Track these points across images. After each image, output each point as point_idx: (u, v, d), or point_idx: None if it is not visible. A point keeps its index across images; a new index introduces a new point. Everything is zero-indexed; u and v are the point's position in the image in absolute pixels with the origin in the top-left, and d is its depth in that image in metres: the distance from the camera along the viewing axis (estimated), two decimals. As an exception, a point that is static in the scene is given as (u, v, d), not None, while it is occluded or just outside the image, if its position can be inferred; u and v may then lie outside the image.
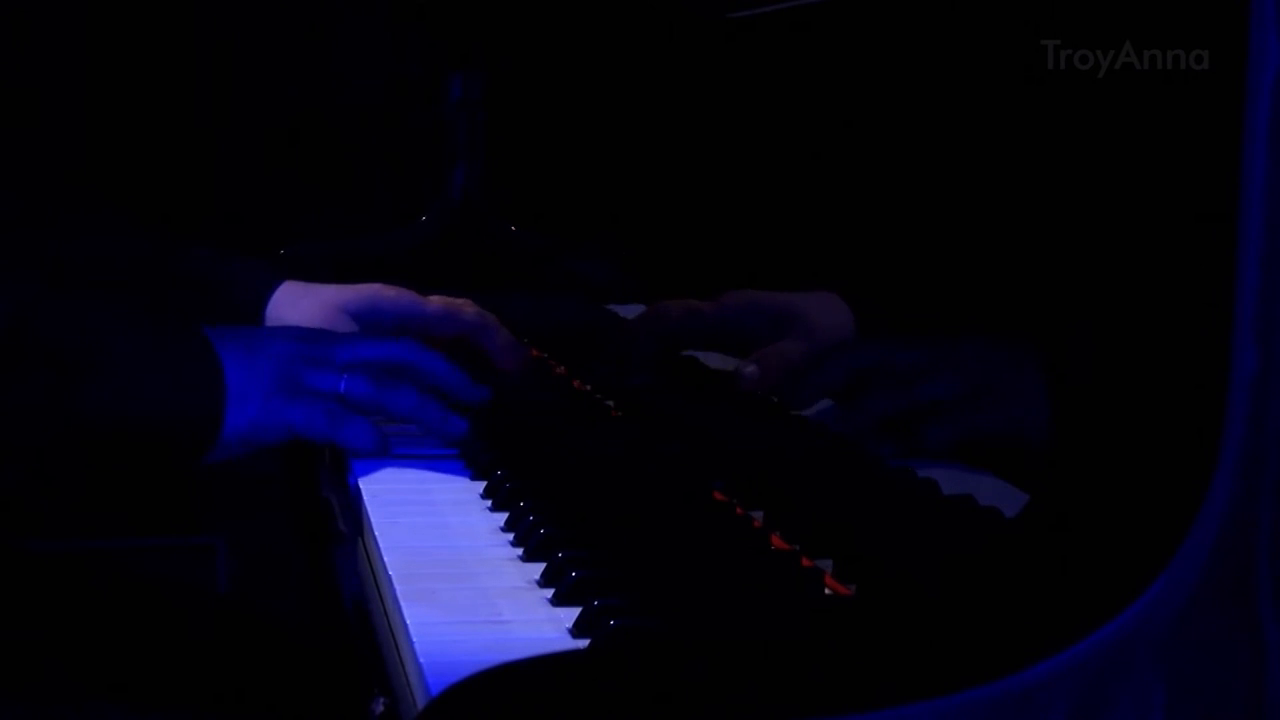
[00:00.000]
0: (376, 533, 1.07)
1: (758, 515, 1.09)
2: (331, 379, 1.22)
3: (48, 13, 2.21)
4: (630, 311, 1.66)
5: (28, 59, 2.21)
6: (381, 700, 0.91)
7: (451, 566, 1.00)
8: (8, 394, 1.13)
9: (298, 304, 1.47)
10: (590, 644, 0.84)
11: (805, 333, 1.31)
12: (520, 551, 1.03)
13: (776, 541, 1.04)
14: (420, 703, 0.81)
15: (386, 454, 1.25)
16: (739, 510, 1.11)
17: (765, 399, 1.35)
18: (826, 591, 0.94)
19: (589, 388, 1.57)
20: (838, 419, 1.21)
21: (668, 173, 1.69)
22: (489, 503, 1.15)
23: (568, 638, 0.87)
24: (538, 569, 0.97)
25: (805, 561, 0.99)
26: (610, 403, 1.50)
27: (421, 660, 0.82)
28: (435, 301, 1.49)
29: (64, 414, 1.14)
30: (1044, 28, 1.02)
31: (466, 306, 1.50)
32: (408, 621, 0.88)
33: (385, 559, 1.00)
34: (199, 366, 1.18)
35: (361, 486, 1.19)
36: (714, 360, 1.45)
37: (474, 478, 1.22)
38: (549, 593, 0.94)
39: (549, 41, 2.01)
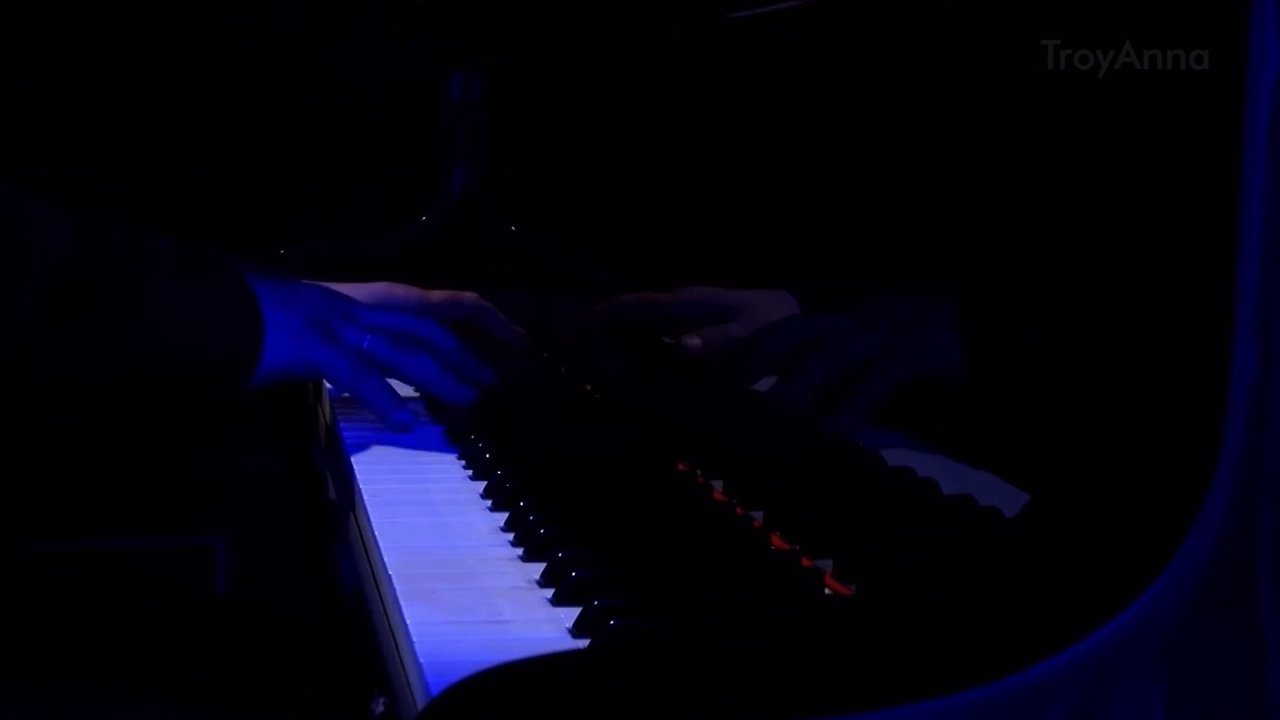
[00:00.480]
0: (376, 533, 1.07)
1: (758, 515, 1.09)
2: (357, 333, 1.31)
3: (49, 12, 2.21)
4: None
5: (29, 59, 2.21)
6: (381, 700, 0.91)
7: (451, 566, 1.00)
8: (57, 330, 1.18)
9: None
10: (590, 644, 0.84)
11: (751, 323, 1.39)
12: (520, 551, 1.03)
13: (776, 541, 1.04)
14: (420, 703, 0.81)
15: (401, 427, 1.32)
16: (739, 510, 1.11)
17: (766, 400, 1.35)
18: (826, 591, 0.94)
19: (589, 387, 1.57)
20: (778, 392, 1.25)
21: (668, 172, 1.69)
22: (489, 503, 1.15)
23: (568, 638, 0.87)
24: (538, 569, 0.97)
25: (805, 561, 0.99)
26: (610, 403, 1.50)
27: (421, 660, 0.82)
28: (439, 293, 1.59)
29: (112, 347, 1.20)
30: (1044, 27, 1.02)
31: (467, 295, 1.61)
32: (408, 621, 0.88)
33: (385, 559, 1.00)
34: (238, 301, 1.25)
35: (361, 487, 1.19)
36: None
37: (474, 478, 1.22)
38: (549, 593, 0.94)
39: (548, 42, 2.01)
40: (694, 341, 1.39)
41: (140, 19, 2.26)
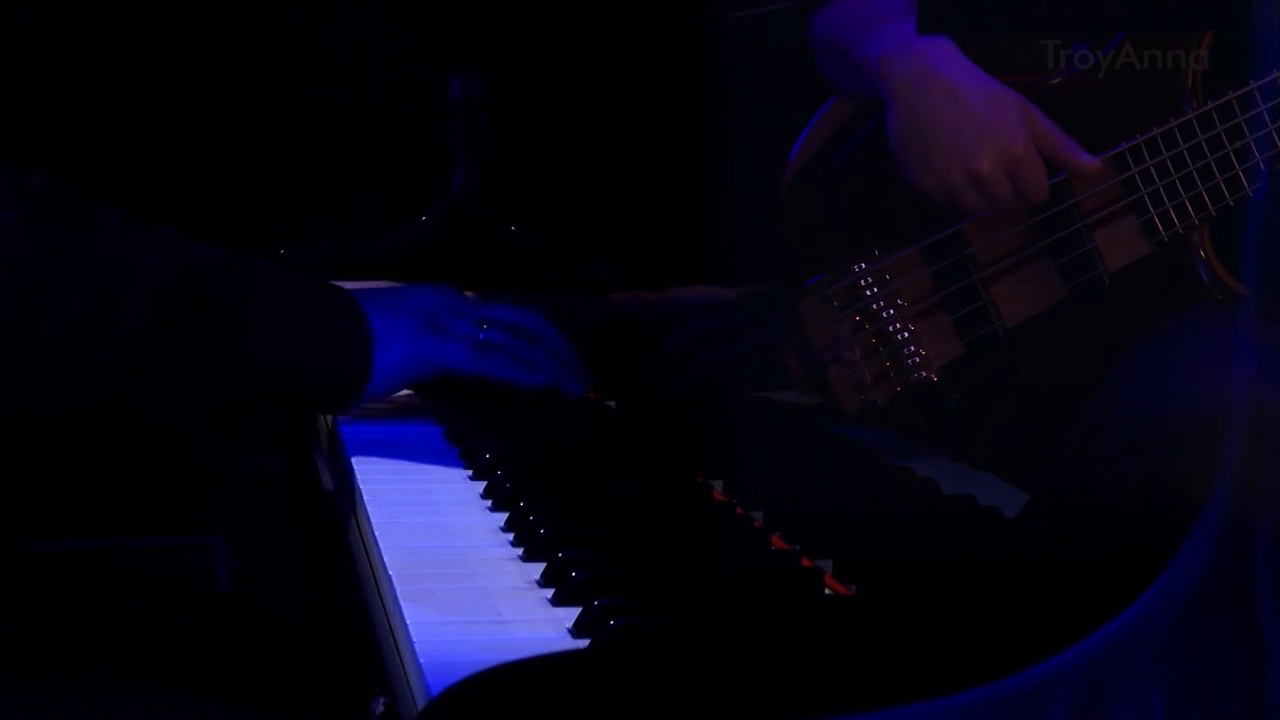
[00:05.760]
0: (376, 533, 1.07)
1: (758, 515, 1.09)
2: (471, 327, 1.33)
3: (50, 13, 2.21)
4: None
5: (29, 58, 2.22)
6: (381, 700, 0.91)
7: (451, 566, 1.00)
8: (165, 353, 1.19)
9: None
10: (590, 644, 0.84)
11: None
12: (520, 551, 1.03)
13: (776, 541, 1.04)
14: (420, 703, 0.81)
15: (534, 382, 1.35)
16: (739, 510, 1.11)
17: (765, 398, 1.36)
18: (826, 591, 0.94)
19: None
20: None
21: (667, 173, 1.69)
22: (489, 503, 1.15)
23: (568, 638, 0.87)
24: (538, 569, 0.97)
25: (805, 561, 0.99)
26: (611, 403, 1.50)
27: (421, 660, 0.82)
28: None
29: (229, 365, 1.22)
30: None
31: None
32: (408, 621, 0.88)
33: (385, 559, 1.00)
34: (344, 312, 1.28)
35: (361, 487, 1.19)
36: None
37: (474, 478, 1.22)
38: (549, 593, 0.94)
39: (548, 42, 2.01)
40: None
41: (141, 18, 2.26)
